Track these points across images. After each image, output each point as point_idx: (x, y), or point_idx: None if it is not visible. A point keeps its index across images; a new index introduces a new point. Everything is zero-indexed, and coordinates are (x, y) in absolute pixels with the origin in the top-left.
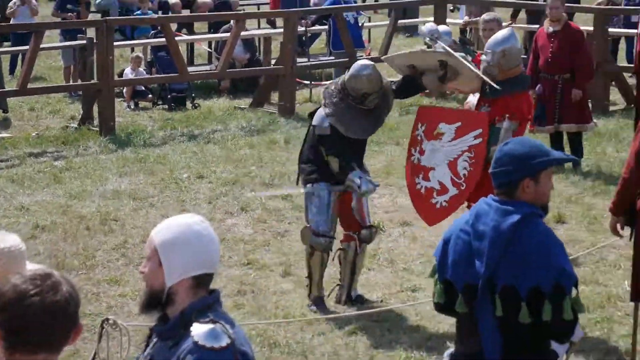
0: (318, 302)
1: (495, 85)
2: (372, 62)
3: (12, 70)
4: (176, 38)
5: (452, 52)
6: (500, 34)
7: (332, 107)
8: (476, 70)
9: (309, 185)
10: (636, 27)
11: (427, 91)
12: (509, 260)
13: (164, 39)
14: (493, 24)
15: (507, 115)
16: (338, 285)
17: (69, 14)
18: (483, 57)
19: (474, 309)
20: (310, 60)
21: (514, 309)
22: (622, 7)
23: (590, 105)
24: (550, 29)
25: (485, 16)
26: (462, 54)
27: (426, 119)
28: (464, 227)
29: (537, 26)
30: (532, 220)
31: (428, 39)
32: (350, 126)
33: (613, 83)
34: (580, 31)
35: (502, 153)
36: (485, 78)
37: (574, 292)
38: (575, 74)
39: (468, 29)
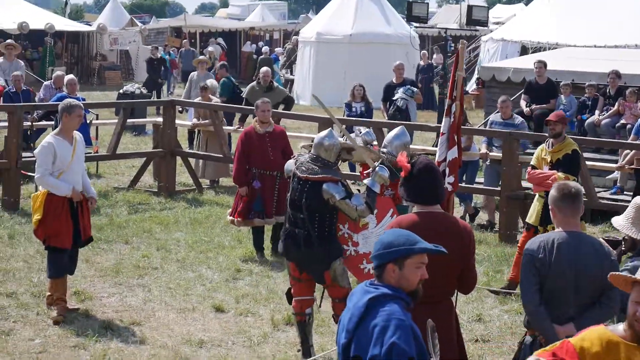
0: None
1: (397, 173)
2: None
3: None
4: None
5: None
6: (395, 131)
7: None
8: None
9: None
10: None
11: None
12: (359, 334)
13: None
14: None
15: None
16: None
17: None
18: (383, 149)
19: None
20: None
21: None
22: (346, 117)
23: None
24: None
25: None
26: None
27: (344, 220)
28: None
29: None
30: (383, 301)
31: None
32: None
33: None
34: None
35: (378, 240)
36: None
37: None
38: None
39: (196, 130)
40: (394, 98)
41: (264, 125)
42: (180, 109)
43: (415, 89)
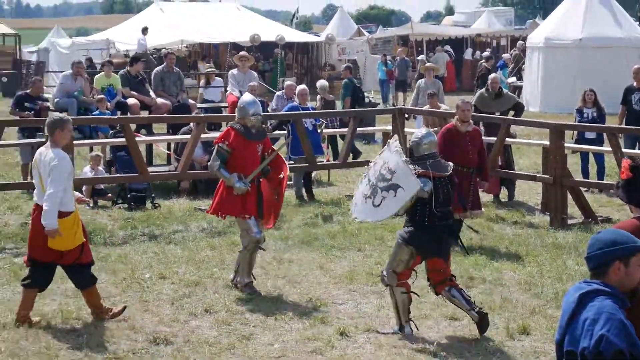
0: None
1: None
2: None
3: None
4: (135, 138)
5: None
6: None
7: None
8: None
9: None
10: (591, 143)
11: None
12: (571, 329)
13: (123, 139)
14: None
15: None
16: None
17: (27, 112)
18: None
19: None
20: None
21: None
22: (577, 123)
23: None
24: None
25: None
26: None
27: None
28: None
29: (494, 139)
30: (593, 296)
31: None
32: None
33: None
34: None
35: (595, 240)
36: None
37: None
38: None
39: None
40: (633, 102)
41: (464, 124)
42: (407, 116)
43: None
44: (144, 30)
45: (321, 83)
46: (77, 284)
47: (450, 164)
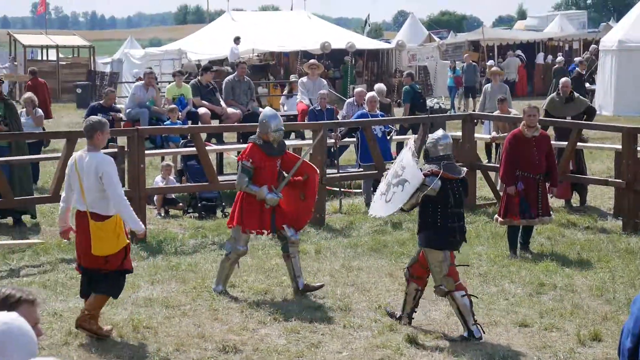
0: None
1: None
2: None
3: (34, 179)
4: (206, 147)
5: None
6: None
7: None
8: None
9: None
10: None
11: None
12: None
13: (193, 148)
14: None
15: None
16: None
17: None
18: None
19: None
20: (340, 171)
21: None
22: None
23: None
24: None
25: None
26: None
27: None
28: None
29: (565, 143)
30: None
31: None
32: None
33: None
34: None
35: None
36: None
37: None
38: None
39: (494, 144)
40: None
41: (530, 129)
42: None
43: None
44: (236, 40)
45: (378, 86)
46: (103, 288)
47: (464, 168)
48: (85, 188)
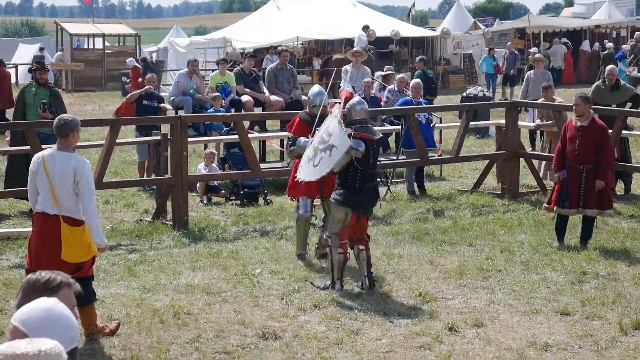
0: None
1: None
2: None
3: None
4: (249, 135)
5: None
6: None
7: None
8: None
9: None
10: None
11: None
12: None
13: (236, 136)
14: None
15: None
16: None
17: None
18: None
19: None
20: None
21: None
22: None
23: None
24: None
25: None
26: None
27: None
28: None
29: (610, 131)
30: None
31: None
32: None
33: None
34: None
35: None
36: None
37: None
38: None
39: (538, 132)
40: None
41: (578, 119)
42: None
43: None
44: (365, 28)
45: (399, 76)
46: (82, 300)
47: (378, 132)
48: (57, 191)
